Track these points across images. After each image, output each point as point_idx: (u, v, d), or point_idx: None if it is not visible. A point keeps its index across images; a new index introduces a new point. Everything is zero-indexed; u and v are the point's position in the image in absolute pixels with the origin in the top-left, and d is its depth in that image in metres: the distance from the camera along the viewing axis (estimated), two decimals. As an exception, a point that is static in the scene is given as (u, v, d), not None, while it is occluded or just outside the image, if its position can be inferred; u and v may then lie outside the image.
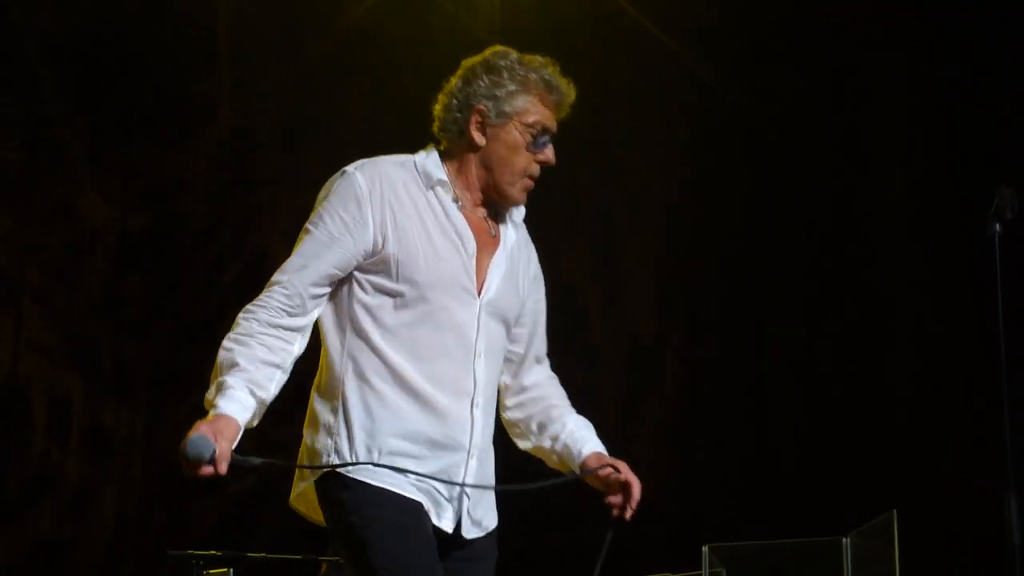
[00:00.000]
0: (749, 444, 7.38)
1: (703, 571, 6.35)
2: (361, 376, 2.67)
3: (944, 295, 6.82)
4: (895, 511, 5.70)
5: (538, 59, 2.78)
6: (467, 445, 2.69)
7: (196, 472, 2.47)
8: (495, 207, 2.84)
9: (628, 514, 2.81)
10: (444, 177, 2.76)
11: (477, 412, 2.71)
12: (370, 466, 2.61)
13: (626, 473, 2.81)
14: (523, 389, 2.92)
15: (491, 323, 2.75)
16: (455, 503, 2.70)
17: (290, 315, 2.67)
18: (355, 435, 2.65)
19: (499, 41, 7.42)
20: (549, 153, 2.78)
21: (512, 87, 2.73)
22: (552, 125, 2.78)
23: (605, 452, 2.86)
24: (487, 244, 2.78)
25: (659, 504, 7.29)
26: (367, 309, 2.69)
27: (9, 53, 7.01)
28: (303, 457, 2.73)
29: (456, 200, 2.76)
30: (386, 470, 2.61)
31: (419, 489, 2.65)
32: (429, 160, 2.78)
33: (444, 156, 2.80)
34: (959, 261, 6.52)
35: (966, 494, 6.28)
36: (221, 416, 2.53)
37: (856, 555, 6.14)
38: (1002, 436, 3.08)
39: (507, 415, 2.93)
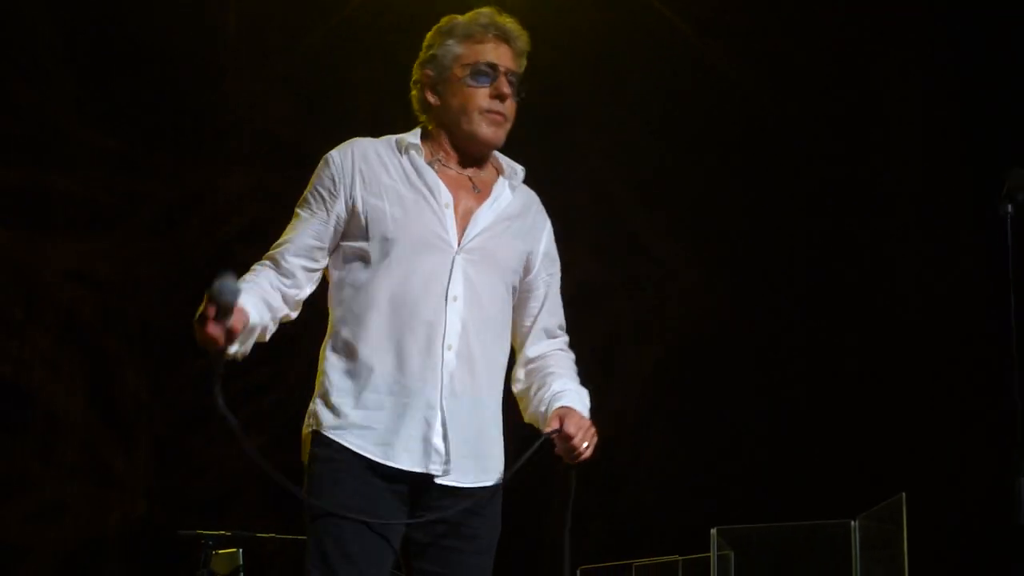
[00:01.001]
0: (757, 426, 7.38)
1: (711, 553, 6.37)
2: (336, 339, 2.79)
3: (956, 277, 6.81)
4: (904, 494, 5.70)
5: (475, 10, 2.89)
6: (438, 385, 2.72)
7: (210, 314, 2.49)
8: (482, 167, 2.93)
9: (573, 459, 2.78)
10: (416, 141, 2.88)
11: (450, 354, 2.74)
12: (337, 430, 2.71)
13: (568, 424, 2.78)
14: (528, 361, 2.96)
15: (476, 271, 2.80)
16: (427, 444, 2.72)
17: (284, 285, 2.82)
18: (328, 398, 2.75)
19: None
20: (500, 85, 2.85)
21: (445, 41, 2.87)
22: (495, 59, 2.85)
23: (576, 408, 2.84)
24: (468, 198, 2.87)
25: (667, 486, 7.37)
26: (348, 272, 2.81)
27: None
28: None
29: (430, 161, 2.87)
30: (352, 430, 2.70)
31: (382, 429, 2.70)
32: (409, 134, 2.92)
33: (425, 130, 2.93)
34: (971, 243, 6.51)
35: (975, 477, 6.28)
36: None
37: (864, 538, 6.14)
38: (1012, 418, 3.07)
39: (514, 388, 2.97)
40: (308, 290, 2.86)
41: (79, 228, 7.54)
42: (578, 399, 2.87)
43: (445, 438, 2.73)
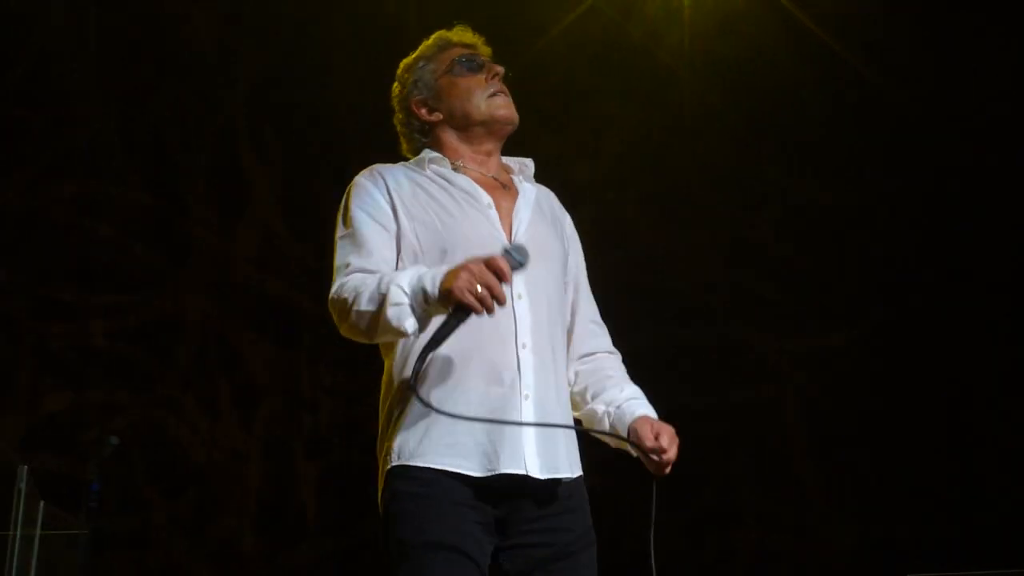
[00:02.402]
0: (951, 462, 7.15)
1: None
2: (402, 362, 2.67)
3: None
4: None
5: (426, 40, 2.95)
6: (517, 385, 2.64)
7: (506, 270, 2.45)
8: (501, 167, 2.91)
9: (661, 471, 2.69)
10: (437, 154, 2.86)
11: (524, 353, 2.66)
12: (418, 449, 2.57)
13: (665, 436, 2.69)
14: (582, 355, 2.90)
15: (533, 265, 2.63)
16: (514, 443, 2.61)
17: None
18: (405, 424, 2.62)
19: (686, 68, 7.41)
20: (490, 66, 2.88)
21: (421, 65, 2.92)
22: (468, 52, 2.90)
23: (655, 416, 2.78)
24: (503, 196, 2.83)
25: (849, 527, 7.17)
26: None
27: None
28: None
29: (456, 168, 2.84)
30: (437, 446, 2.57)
31: (472, 443, 2.60)
32: (421, 153, 2.90)
33: (432, 150, 2.90)
34: None
35: None
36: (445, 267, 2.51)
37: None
38: None
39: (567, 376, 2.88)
40: None
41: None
42: (649, 407, 2.82)
43: (534, 434, 2.64)
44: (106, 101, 7.03)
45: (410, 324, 2.51)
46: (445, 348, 2.53)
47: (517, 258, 2.47)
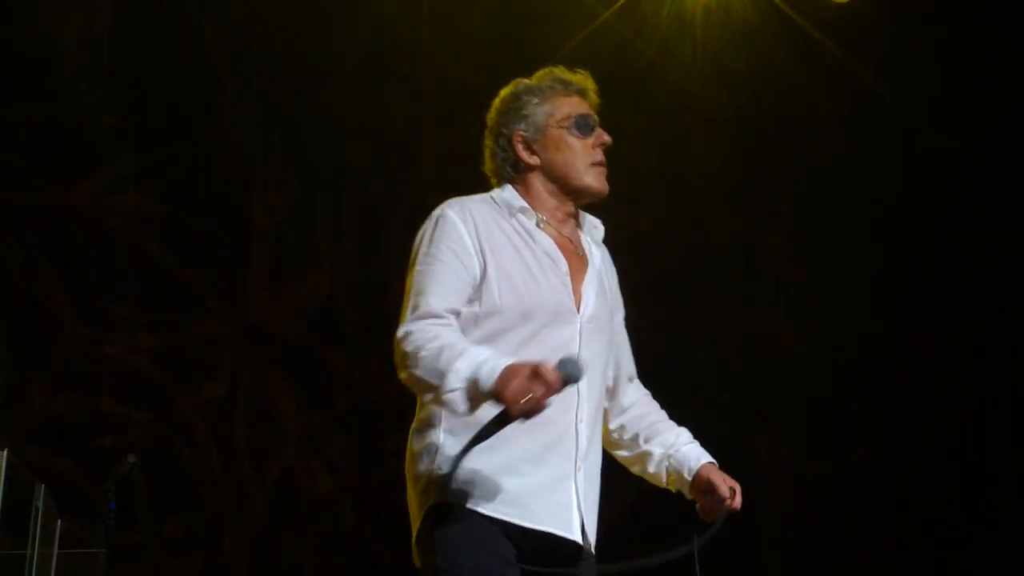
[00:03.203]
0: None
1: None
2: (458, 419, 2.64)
3: None
4: None
5: (542, 71, 2.92)
6: (573, 457, 2.71)
7: (556, 385, 2.46)
8: (576, 227, 2.91)
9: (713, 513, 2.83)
10: (525, 204, 2.83)
11: (582, 426, 2.72)
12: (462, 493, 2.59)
13: (731, 491, 2.81)
14: (623, 410, 2.98)
15: (593, 338, 2.78)
16: (572, 511, 2.70)
17: (452, 329, 2.67)
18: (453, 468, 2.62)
19: (702, 86, 7.41)
20: (599, 133, 2.88)
21: (534, 100, 2.86)
22: (586, 110, 2.89)
23: (715, 463, 2.90)
24: (577, 264, 2.84)
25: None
26: (476, 339, 2.68)
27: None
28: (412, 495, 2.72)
29: (539, 224, 2.82)
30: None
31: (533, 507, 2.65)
32: (506, 192, 2.86)
33: (516, 189, 2.88)
34: None
35: None
36: (518, 362, 2.50)
37: None
38: None
39: (611, 436, 2.97)
40: None
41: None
42: (702, 450, 2.91)
43: (579, 507, 2.72)
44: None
45: (463, 410, 2.55)
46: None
47: (573, 373, 2.49)
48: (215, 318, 6.98)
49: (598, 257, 2.91)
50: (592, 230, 2.96)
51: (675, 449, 2.89)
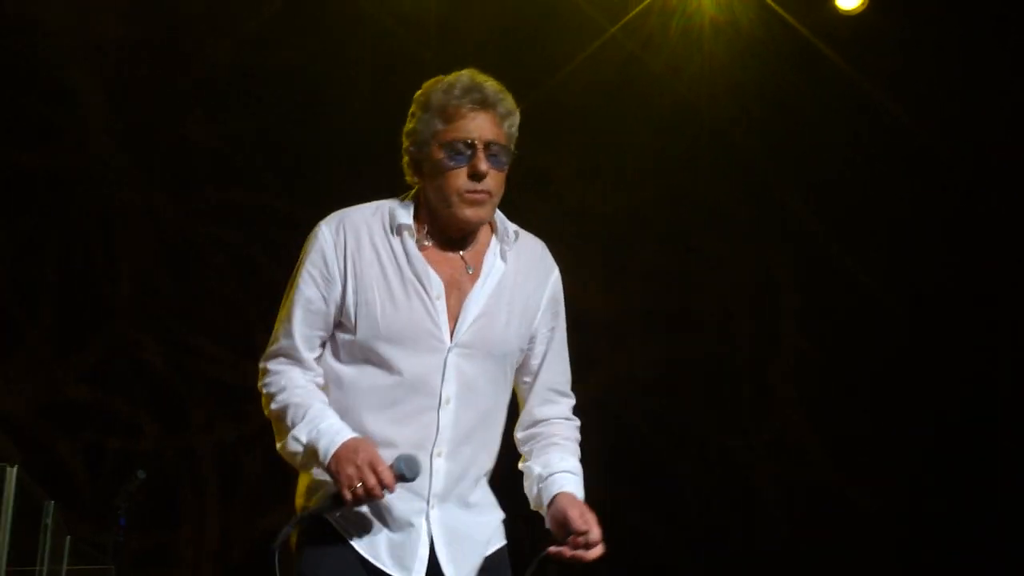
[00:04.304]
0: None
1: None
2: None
3: None
4: None
5: (454, 75, 2.68)
6: (424, 494, 2.60)
7: (391, 485, 2.48)
8: (475, 236, 2.72)
9: (578, 555, 2.60)
10: (408, 221, 2.68)
11: (439, 461, 2.61)
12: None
13: (591, 530, 2.60)
14: (535, 422, 2.80)
15: (471, 365, 2.63)
16: (417, 551, 2.60)
17: (314, 379, 2.68)
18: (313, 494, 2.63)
19: (709, 99, 7.36)
20: (477, 164, 2.62)
21: (421, 114, 2.67)
22: (472, 133, 2.63)
23: (582, 498, 2.70)
24: (460, 283, 2.67)
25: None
26: (335, 363, 2.66)
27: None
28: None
29: (422, 242, 2.68)
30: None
31: (372, 540, 2.60)
32: (401, 206, 2.71)
33: (417, 201, 2.73)
34: None
35: None
36: (356, 438, 2.52)
37: None
38: None
39: (516, 435, 2.82)
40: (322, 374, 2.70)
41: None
42: (576, 483, 2.71)
43: (432, 546, 2.61)
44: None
45: (301, 470, 2.62)
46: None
47: (406, 473, 2.49)
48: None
49: (498, 271, 2.70)
50: (504, 237, 2.73)
51: (549, 471, 2.71)
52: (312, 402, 2.61)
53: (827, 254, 7.45)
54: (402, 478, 2.50)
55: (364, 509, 2.57)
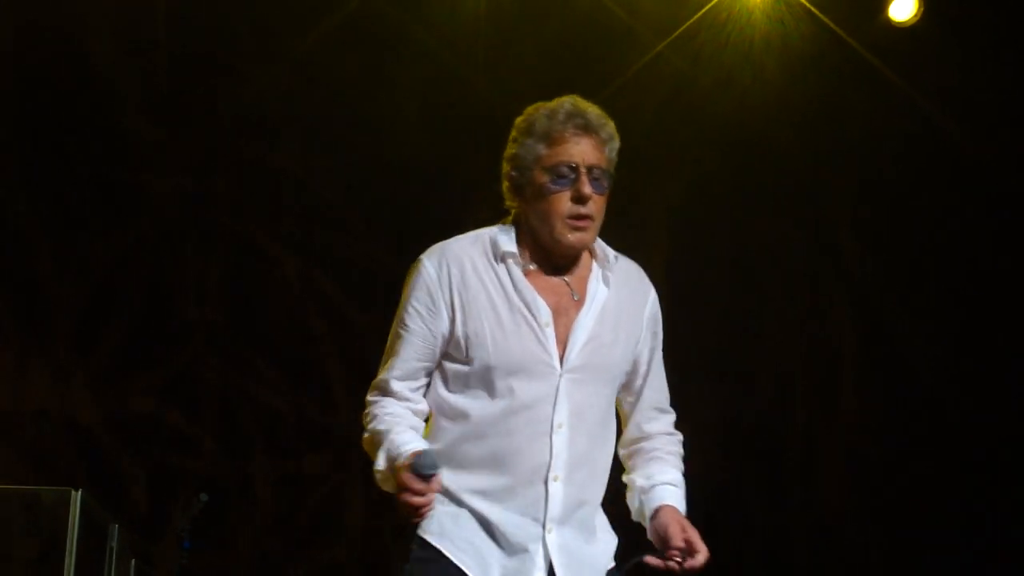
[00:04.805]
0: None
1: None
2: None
3: None
4: None
5: (555, 102, 2.76)
6: (541, 519, 2.66)
7: (415, 488, 2.52)
8: (577, 263, 2.78)
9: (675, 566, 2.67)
10: (513, 248, 2.74)
11: (555, 486, 2.66)
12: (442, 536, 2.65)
13: (695, 542, 2.68)
14: (640, 437, 2.88)
15: (581, 390, 2.70)
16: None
17: (412, 411, 2.75)
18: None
19: (755, 113, 7.34)
20: (580, 187, 2.69)
21: (524, 140, 2.74)
22: (575, 157, 2.70)
23: (683, 511, 2.77)
24: (568, 309, 2.74)
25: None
26: (445, 393, 2.73)
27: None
28: None
29: (526, 268, 2.74)
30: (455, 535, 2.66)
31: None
32: (503, 233, 2.78)
33: (518, 226, 2.79)
34: None
35: None
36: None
37: None
38: None
39: (619, 451, 2.89)
40: (425, 401, 2.79)
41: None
42: (678, 496, 2.79)
43: (551, 572, 2.66)
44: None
45: (390, 490, 2.66)
46: (475, 475, 2.66)
47: (423, 472, 2.51)
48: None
49: (602, 295, 2.78)
50: (605, 262, 2.81)
51: (652, 483, 2.80)
52: (390, 433, 2.67)
53: (877, 263, 7.41)
54: (420, 474, 2.52)
55: (477, 533, 2.63)
